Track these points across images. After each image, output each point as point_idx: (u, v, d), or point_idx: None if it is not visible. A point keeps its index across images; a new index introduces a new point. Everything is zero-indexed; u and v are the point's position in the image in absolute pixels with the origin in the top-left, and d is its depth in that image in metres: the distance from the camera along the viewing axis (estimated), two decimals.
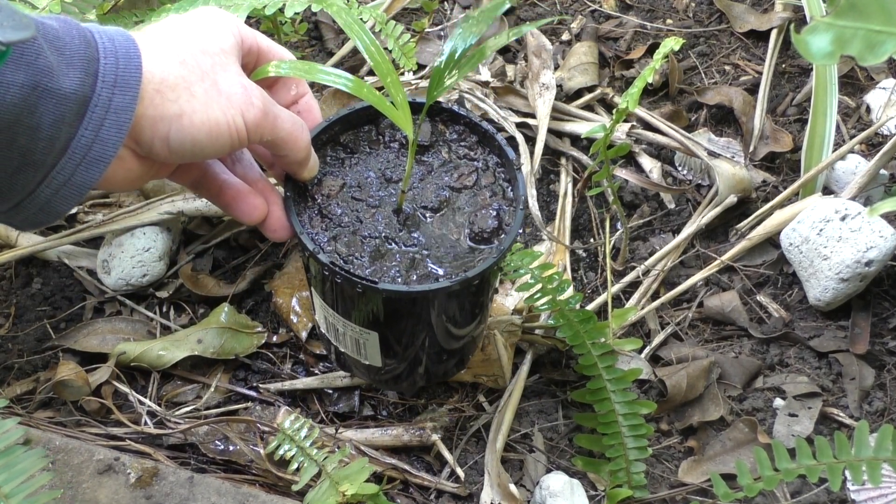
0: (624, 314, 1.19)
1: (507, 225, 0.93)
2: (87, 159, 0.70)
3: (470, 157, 0.98)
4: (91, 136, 0.69)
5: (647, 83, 1.04)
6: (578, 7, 1.53)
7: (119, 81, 0.70)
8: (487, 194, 0.96)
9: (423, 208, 0.94)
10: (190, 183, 0.89)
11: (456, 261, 0.91)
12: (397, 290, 0.87)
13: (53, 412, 1.14)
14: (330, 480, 1.00)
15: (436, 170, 0.97)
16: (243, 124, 0.77)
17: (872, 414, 1.15)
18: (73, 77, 0.67)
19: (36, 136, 0.67)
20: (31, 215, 0.72)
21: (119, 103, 0.70)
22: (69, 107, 0.67)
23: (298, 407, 1.15)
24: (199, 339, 1.17)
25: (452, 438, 1.14)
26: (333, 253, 0.89)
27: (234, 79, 0.77)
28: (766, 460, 0.97)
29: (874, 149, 1.34)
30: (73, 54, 0.68)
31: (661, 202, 1.33)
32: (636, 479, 1.06)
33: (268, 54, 0.86)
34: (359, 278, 0.86)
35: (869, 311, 1.22)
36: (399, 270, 0.90)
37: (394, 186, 0.95)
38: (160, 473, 1.05)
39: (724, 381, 1.18)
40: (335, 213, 0.92)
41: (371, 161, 0.97)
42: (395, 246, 0.91)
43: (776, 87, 1.43)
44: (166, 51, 0.74)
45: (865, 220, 1.18)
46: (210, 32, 0.78)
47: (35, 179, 0.69)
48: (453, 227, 0.94)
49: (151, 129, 0.73)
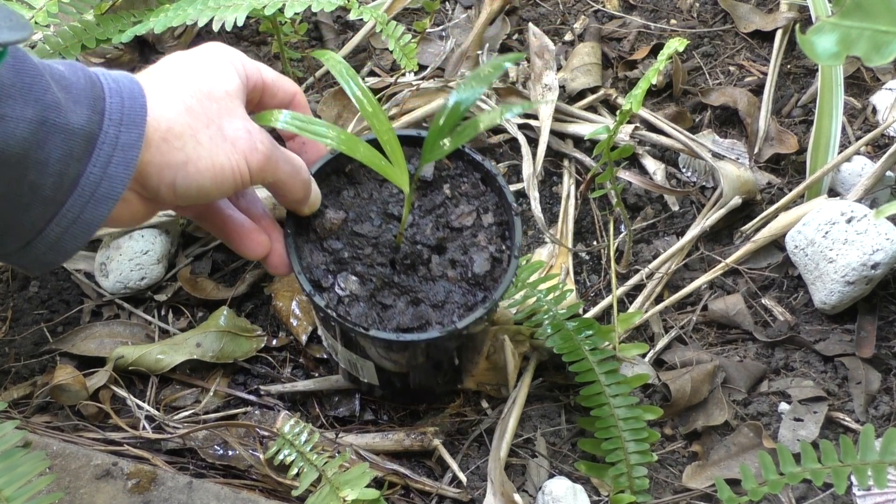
0: (629, 318, 1.18)
1: (502, 269, 0.95)
2: (95, 196, 0.71)
3: (470, 195, 0.98)
4: (99, 173, 0.70)
5: (650, 84, 1.03)
6: (581, 7, 1.52)
7: (125, 120, 0.71)
8: (484, 237, 0.96)
9: (422, 245, 0.94)
10: (193, 215, 0.90)
11: (450, 304, 0.93)
12: (387, 338, 0.90)
13: (51, 416, 1.13)
14: (330, 486, 0.99)
15: (437, 207, 0.97)
16: (247, 169, 0.78)
17: (878, 418, 1.14)
18: (81, 114, 0.69)
19: (45, 172, 0.67)
20: (40, 255, 0.72)
21: (126, 141, 0.71)
22: (77, 142, 0.68)
23: (298, 411, 1.15)
24: (198, 342, 1.16)
25: (454, 443, 1.13)
26: (332, 291, 0.91)
27: (239, 123, 0.79)
28: (771, 464, 0.96)
29: (880, 150, 1.33)
30: (80, 93, 0.69)
31: (664, 204, 1.32)
32: (638, 483, 1.06)
33: (272, 87, 0.87)
34: (351, 324, 0.89)
35: (875, 315, 1.21)
36: (394, 313, 0.92)
37: (394, 223, 0.95)
38: (158, 478, 1.05)
39: (728, 385, 1.17)
40: (335, 248, 0.93)
41: (374, 194, 0.97)
42: (392, 287, 0.93)
43: (781, 87, 1.42)
44: (172, 96, 0.76)
45: (871, 223, 1.17)
46: (215, 74, 0.80)
47: (45, 217, 0.70)
48: (449, 267, 0.95)
49: (158, 175, 0.74)
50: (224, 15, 1.11)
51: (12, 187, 0.67)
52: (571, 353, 1.09)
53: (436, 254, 0.95)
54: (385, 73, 1.43)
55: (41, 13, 1.14)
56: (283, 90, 0.88)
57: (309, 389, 1.16)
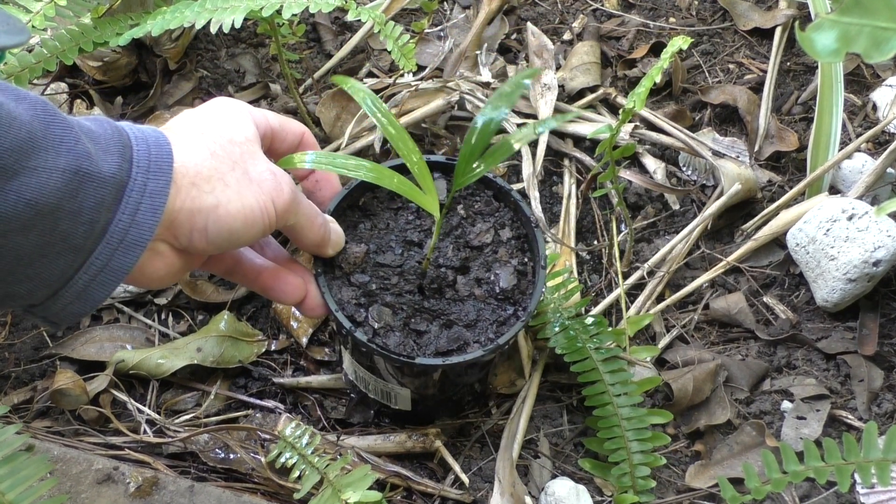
0: (639, 321, 1.18)
1: (528, 282, 0.97)
2: (124, 243, 0.71)
3: (485, 213, 1.01)
4: (128, 220, 0.71)
5: (653, 82, 1.03)
6: (580, 6, 1.52)
7: (152, 167, 0.72)
8: (505, 252, 0.99)
9: (446, 268, 0.96)
10: (224, 271, 0.91)
11: (482, 322, 0.95)
12: (434, 363, 0.92)
13: (51, 421, 1.13)
14: (332, 488, 0.99)
15: (454, 228, 0.99)
16: (273, 210, 0.79)
17: (881, 416, 1.14)
18: (112, 162, 0.69)
19: (77, 221, 0.68)
20: (67, 304, 0.72)
21: (154, 188, 0.72)
22: (108, 191, 0.69)
23: (299, 414, 1.14)
24: (199, 347, 1.16)
25: (456, 445, 1.13)
26: (366, 323, 0.92)
27: (263, 166, 0.80)
28: (774, 463, 0.96)
29: (881, 147, 1.33)
30: (109, 142, 0.71)
31: (665, 203, 1.32)
32: (641, 483, 1.05)
33: (281, 132, 0.88)
34: (396, 355, 0.91)
35: (877, 312, 1.20)
36: (430, 338, 0.94)
37: (415, 249, 0.97)
38: (160, 482, 1.05)
39: (730, 383, 1.17)
40: (363, 282, 0.94)
41: (391, 223, 0.99)
42: (424, 312, 0.95)
43: (781, 85, 1.42)
44: (196, 143, 0.77)
45: (873, 220, 1.16)
46: (233, 122, 0.81)
47: (74, 265, 0.70)
48: (476, 286, 0.97)
49: (189, 222, 0.75)
50: (221, 17, 1.11)
51: (44, 237, 0.67)
52: (574, 353, 1.09)
53: (460, 274, 0.97)
54: (383, 73, 1.42)
55: (38, 17, 1.13)
56: (291, 133, 0.89)
57: (323, 386, 1.16)
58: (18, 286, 0.69)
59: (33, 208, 0.65)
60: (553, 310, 1.12)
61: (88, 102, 1.36)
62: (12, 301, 0.71)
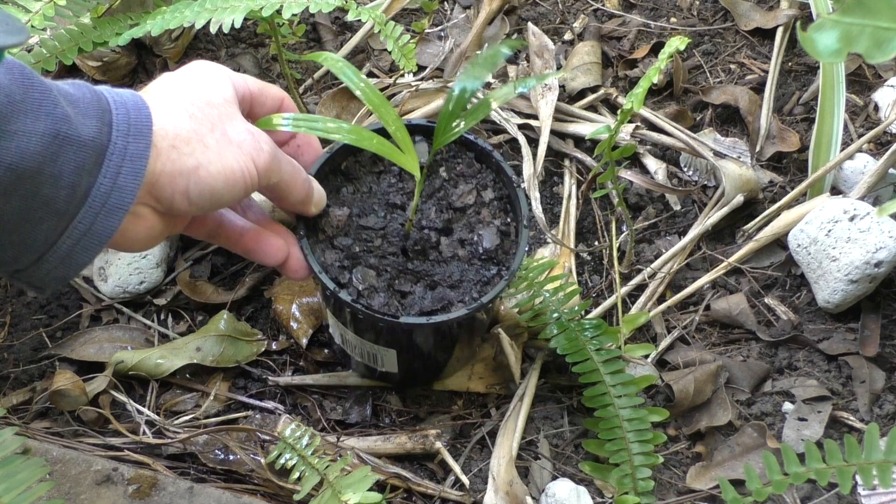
0: (634, 319, 1.18)
1: (511, 242, 0.98)
2: (106, 207, 0.72)
3: (467, 175, 1.01)
4: (109, 184, 0.71)
5: (651, 83, 1.03)
6: (581, 6, 1.52)
7: (132, 130, 0.72)
8: (488, 213, 0.99)
9: (429, 230, 0.97)
10: (206, 234, 0.92)
11: (466, 282, 0.96)
12: (419, 322, 0.92)
13: (50, 422, 1.13)
14: (332, 489, 0.98)
15: (437, 190, 1.00)
16: (255, 170, 0.80)
17: (883, 417, 1.14)
18: (91, 126, 0.70)
19: (58, 185, 0.68)
20: (52, 269, 0.73)
21: (134, 151, 0.72)
22: (88, 154, 0.69)
23: (299, 415, 1.14)
24: (198, 347, 1.15)
25: (456, 446, 1.12)
26: (350, 285, 0.93)
27: (241, 126, 0.81)
28: (776, 464, 0.96)
29: (883, 148, 1.33)
30: (87, 106, 0.71)
31: (666, 204, 1.31)
32: (642, 485, 1.05)
33: (260, 96, 0.89)
34: (381, 314, 0.91)
35: (879, 313, 1.20)
36: (415, 299, 0.94)
37: (399, 212, 0.98)
38: (159, 483, 1.05)
39: (732, 385, 1.17)
40: (346, 245, 0.95)
41: (373, 187, 0.99)
42: (407, 274, 0.95)
43: (782, 85, 1.42)
44: (174, 106, 0.77)
45: (874, 221, 1.16)
46: (210, 84, 0.82)
47: (57, 230, 0.71)
48: (459, 247, 0.97)
49: (171, 184, 0.75)
50: (221, 17, 1.11)
51: (26, 202, 0.67)
52: (575, 354, 1.09)
53: (444, 236, 0.97)
54: (384, 73, 1.42)
55: (37, 17, 1.13)
56: (270, 98, 0.90)
57: (319, 384, 1.16)
58: (3, 251, 0.70)
59: (14, 173, 0.65)
60: (553, 311, 1.12)
61: None
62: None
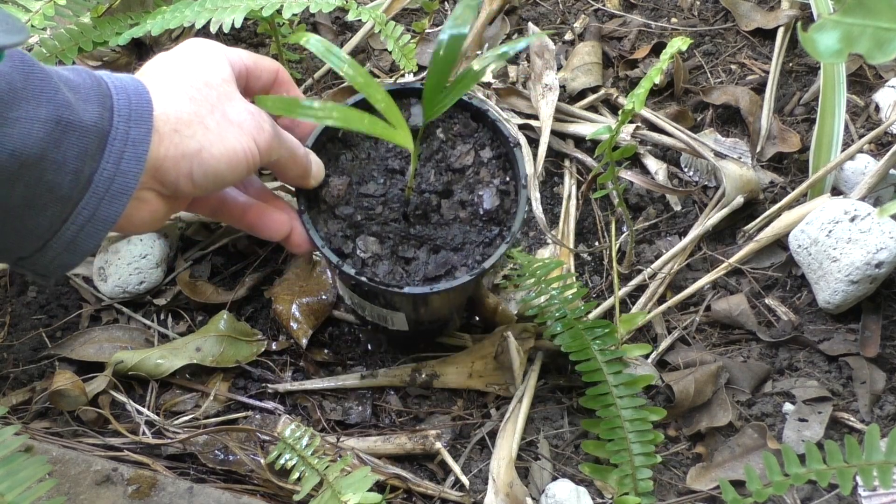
0: (632, 319, 1.18)
1: (511, 201, 0.98)
2: (109, 192, 0.72)
3: (464, 135, 1.02)
4: (112, 168, 0.72)
5: (652, 83, 1.03)
6: (581, 6, 1.52)
7: (133, 115, 0.73)
8: (487, 172, 1.00)
9: (429, 193, 0.97)
10: (209, 212, 0.92)
11: (468, 244, 0.96)
12: (422, 292, 0.92)
13: (50, 422, 1.13)
14: (332, 490, 0.98)
15: (434, 153, 1.00)
16: (256, 149, 0.80)
17: (884, 418, 1.14)
18: (92, 111, 0.70)
19: (62, 171, 0.69)
20: (56, 256, 0.73)
21: (136, 136, 0.73)
22: (91, 140, 0.70)
23: (299, 415, 1.14)
24: (198, 347, 1.15)
25: (456, 446, 1.12)
26: (354, 255, 0.94)
27: (241, 106, 0.81)
28: (776, 465, 0.96)
29: (883, 148, 1.32)
30: (88, 92, 0.71)
31: (666, 204, 1.31)
32: (642, 486, 1.05)
33: (255, 70, 0.89)
34: (385, 286, 0.92)
35: (879, 314, 1.20)
36: (419, 265, 0.95)
37: (398, 177, 0.98)
38: (159, 484, 1.05)
39: (732, 385, 1.16)
40: (347, 214, 0.95)
41: (371, 153, 0.99)
42: (410, 239, 0.96)
43: (783, 86, 1.42)
44: (173, 89, 0.78)
45: (875, 221, 1.16)
46: (207, 64, 0.82)
47: (61, 216, 0.71)
48: (460, 209, 0.98)
49: (175, 168, 0.76)
50: (221, 16, 1.11)
51: (30, 188, 0.68)
52: (580, 353, 1.08)
53: (444, 198, 0.98)
54: (384, 73, 1.42)
55: (37, 16, 1.13)
56: (266, 70, 0.90)
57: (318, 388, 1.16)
58: (7, 238, 0.70)
59: (17, 159, 0.66)
60: (559, 309, 1.11)
61: None
62: (2, 253, 0.72)
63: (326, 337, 1.19)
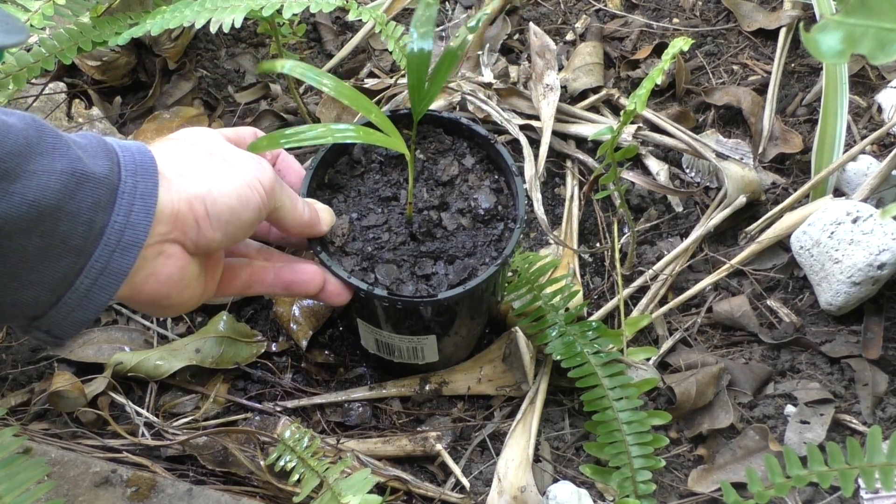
0: (637, 322, 1.17)
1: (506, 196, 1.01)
2: (121, 245, 0.74)
3: (442, 149, 1.04)
4: (123, 220, 0.74)
5: (654, 84, 1.02)
6: (583, 6, 1.51)
7: (139, 170, 0.76)
8: (475, 177, 1.02)
9: (429, 209, 1.00)
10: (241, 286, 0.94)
11: (479, 246, 0.99)
12: (457, 294, 0.94)
13: (49, 424, 1.13)
14: (331, 492, 0.98)
15: (420, 173, 1.03)
16: (261, 187, 0.83)
17: (886, 420, 1.13)
18: (102, 165, 0.73)
19: (76, 221, 0.71)
20: (71, 311, 0.74)
21: (143, 189, 0.75)
22: (103, 191, 0.72)
23: (299, 417, 1.14)
24: (198, 348, 1.15)
25: (457, 448, 1.12)
26: (377, 284, 0.95)
27: (239, 152, 0.85)
28: (778, 467, 0.96)
29: (886, 149, 1.32)
30: (96, 149, 0.74)
31: (668, 205, 1.31)
32: (642, 488, 1.04)
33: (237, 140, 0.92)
34: (419, 298, 0.94)
35: (882, 316, 1.20)
36: (440, 277, 0.97)
37: (393, 203, 1.01)
38: (158, 486, 1.04)
39: (734, 387, 1.16)
40: (358, 248, 0.97)
41: (361, 189, 1.02)
42: (425, 257, 0.98)
43: (785, 86, 1.41)
44: (172, 147, 0.83)
45: (877, 223, 1.16)
46: (201, 133, 0.87)
47: (75, 268, 0.72)
48: (461, 216, 1.00)
49: (191, 211, 0.79)
50: (221, 17, 1.10)
51: (45, 238, 0.69)
52: (571, 359, 1.08)
53: (442, 211, 1.00)
54: (384, 74, 1.42)
55: (37, 16, 1.12)
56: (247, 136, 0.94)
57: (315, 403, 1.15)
58: (23, 292, 0.71)
59: (36, 209, 0.68)
60: (551, 315, 1.11)
61: (87, 102, 1.35)
62: (18, 310, 0.73)
63: (326, 338, 1.19)
